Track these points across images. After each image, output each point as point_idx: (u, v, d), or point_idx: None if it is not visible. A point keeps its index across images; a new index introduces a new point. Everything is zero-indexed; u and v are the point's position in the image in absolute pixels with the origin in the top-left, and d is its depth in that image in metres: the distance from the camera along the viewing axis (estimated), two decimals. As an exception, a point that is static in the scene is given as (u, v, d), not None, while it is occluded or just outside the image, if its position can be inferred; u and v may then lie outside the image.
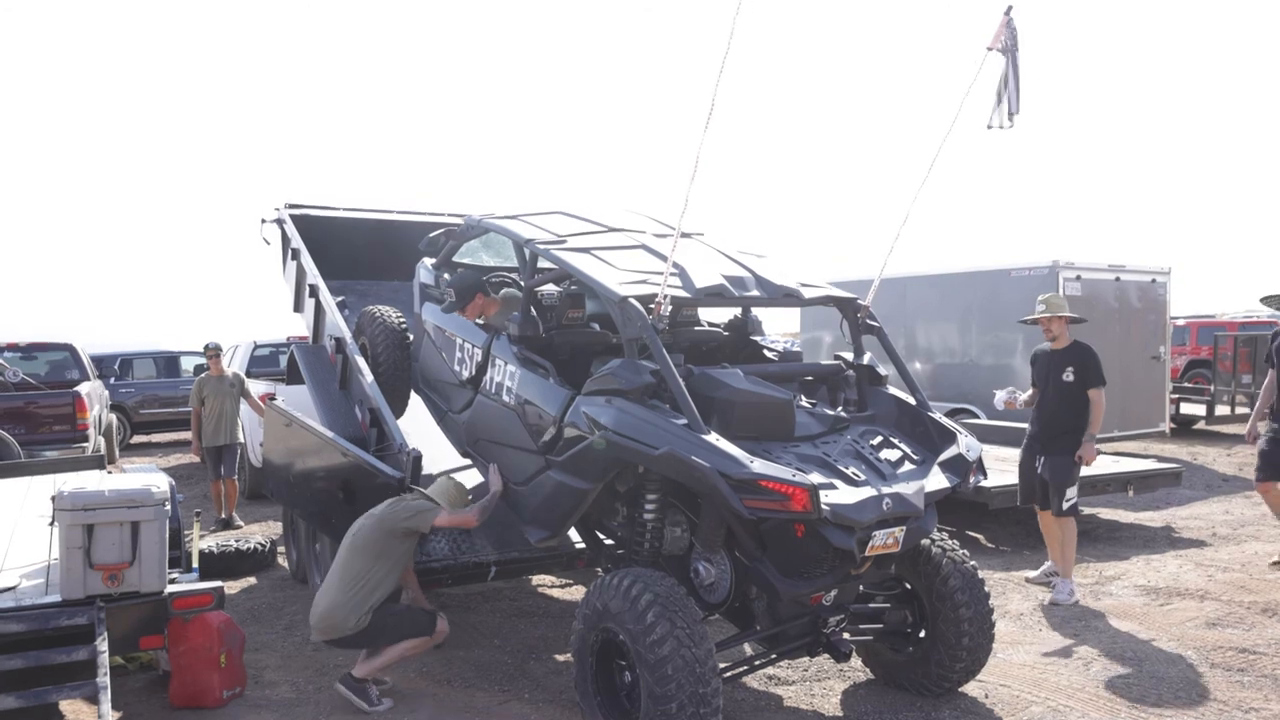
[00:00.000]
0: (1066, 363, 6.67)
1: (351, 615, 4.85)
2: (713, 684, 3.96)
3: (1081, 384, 6.61)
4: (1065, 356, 6.70)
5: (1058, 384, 6.69)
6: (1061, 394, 6.67)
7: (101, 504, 4.38)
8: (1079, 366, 6.62)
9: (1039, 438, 6.84)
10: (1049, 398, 6.77)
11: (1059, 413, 6.70)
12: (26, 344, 13.25)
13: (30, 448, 10.10)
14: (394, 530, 5.01)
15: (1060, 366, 6.69)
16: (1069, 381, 6.63)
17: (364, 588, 4.90)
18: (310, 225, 8.56)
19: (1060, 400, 6.69)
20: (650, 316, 4.42)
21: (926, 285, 13.04)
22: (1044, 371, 6.83)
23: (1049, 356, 6.81)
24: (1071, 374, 6.63)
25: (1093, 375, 6.61)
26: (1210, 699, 4.85)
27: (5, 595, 4.52)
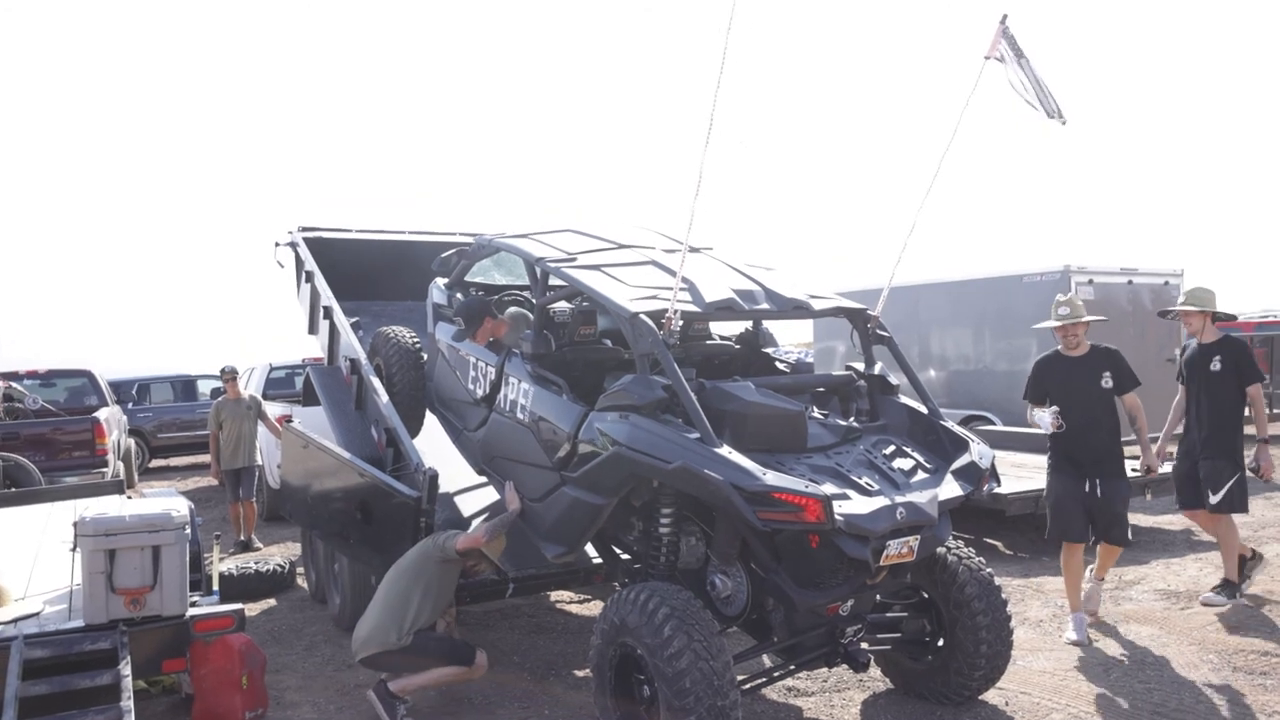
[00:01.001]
0: (1104, 367, 5.98)
1: (394, 631, 4.93)
2: (731, 696, 3.97)
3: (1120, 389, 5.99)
4: (1099, 360, 6.05)
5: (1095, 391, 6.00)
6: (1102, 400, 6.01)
7: (123, 529, 4.43)
8: (1114, 370, 5.99)
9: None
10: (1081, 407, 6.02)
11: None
12: (45, 371, 13.38)
13: (50, 474, 10.17)
14: (429, 555, 5.13)
15: (1099, 371, 5.97)
16: (1107, 388, 5.98)
17: (404, 608, 4.99)
18: (323, 247, 8.64)
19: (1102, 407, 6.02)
20: (661, 332, 4.45)
21: (939, 293, 13.03)
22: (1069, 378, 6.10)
23: (1071, 363, 6.06)
24: (1110, 379, 5.97)
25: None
26: (1233, 703, 4.82)
27: (29, 621, 4.58)
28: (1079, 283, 11.44)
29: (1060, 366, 6.08)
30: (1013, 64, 5.07)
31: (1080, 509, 5.91)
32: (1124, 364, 5.99)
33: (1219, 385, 6.37)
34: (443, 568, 5.14)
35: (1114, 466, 5.94)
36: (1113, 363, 5.97)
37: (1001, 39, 5.07)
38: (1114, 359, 5.99)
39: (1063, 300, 6.10)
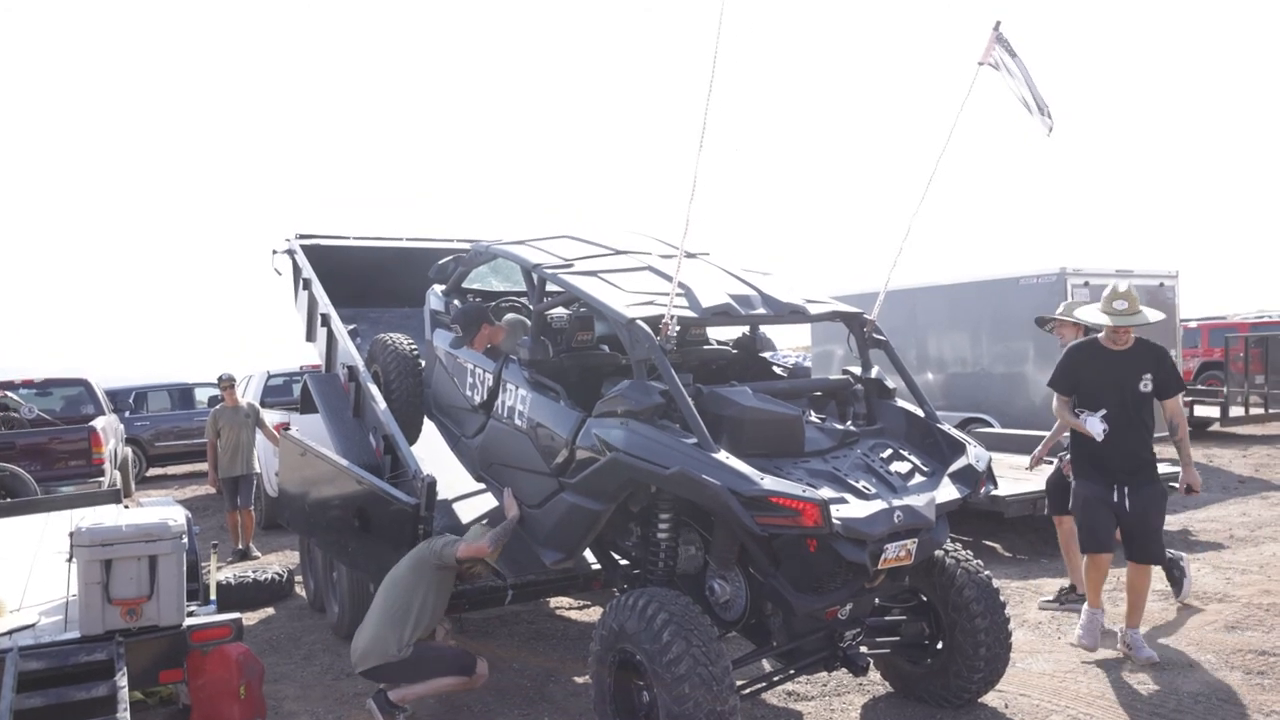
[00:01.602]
0: (1147, 367, 5.46)
1: (393, 643, 4.93)
2: (730, 701, 3.97)
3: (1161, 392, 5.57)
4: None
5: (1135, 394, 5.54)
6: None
7: (119, 539, 4.41)
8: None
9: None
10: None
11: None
12: (41, 380, 13.35)
13: (46, 484, 10.16)
14: (425, 561, 5.11)
15: (1140, 370, 5.45)
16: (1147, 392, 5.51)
17: (404, 618, 4.98)
18: (321, 255, 8.63)
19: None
20: (658, 337, 4.45)
21: (936, 296, 13.05)
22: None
23: (1111, 357, 5.50)
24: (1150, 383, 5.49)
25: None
26: (1231, 702, 4.82)
27: (24, 633, 4.55)
28: (1074, 285, 11.45)
29: (1099, 359, 5.48)
30: (1007, 69, 5.08)
31: (1106, 517, 5.42)
32: (1171, 364, 5.45)
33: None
34: (439, 575, 5.13)
35: (1148, 474, 5.44)
36: (1158, 362, 5.40)
37: (995, 45, 5.08)
38: (1160, 358, 5.41)
39: (1120, 293, 5.39)
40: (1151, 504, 5.41)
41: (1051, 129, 5.21)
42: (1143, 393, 5.37)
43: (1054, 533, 8.36)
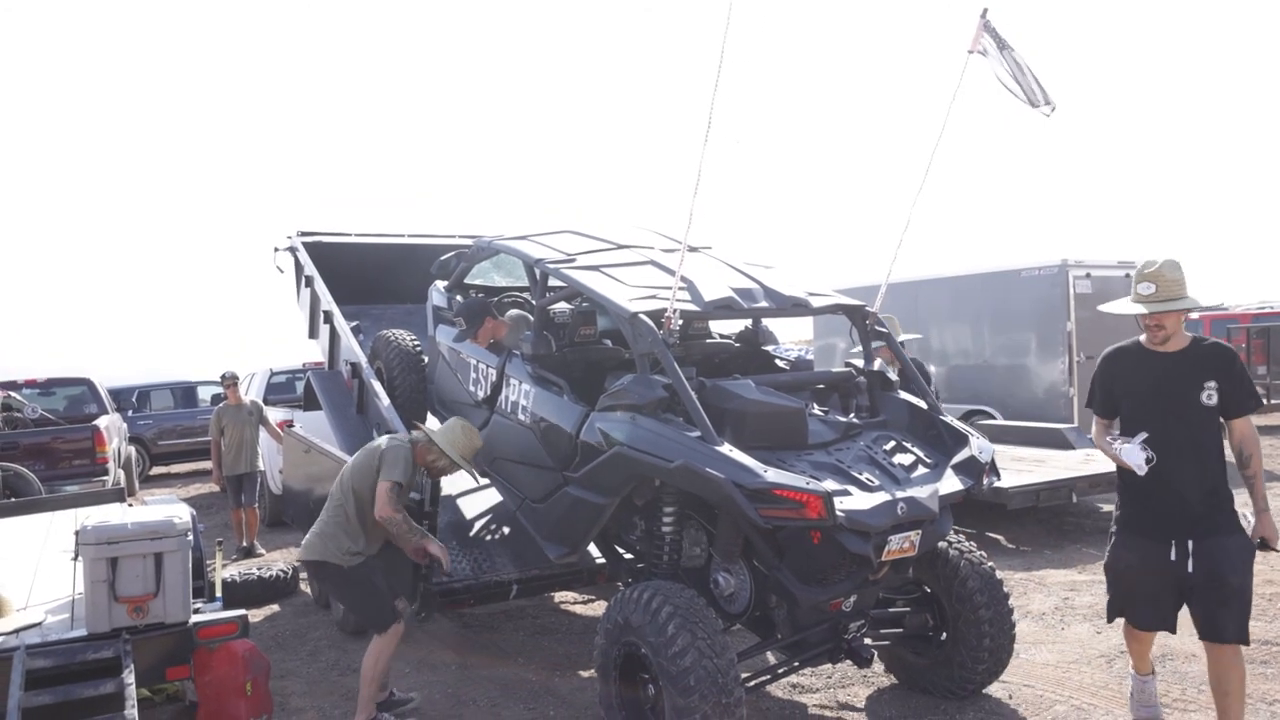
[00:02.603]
0: (1207, 373, 4.07)
1: (340, 548, 4.93)
2: (736, 694, 3.98)
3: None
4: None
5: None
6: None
7: (124, 536, 4.42)
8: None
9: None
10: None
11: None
12: (44, 380, 13.37)
13: (51, 483, 10.17)
14: (369, 467, 5.01)
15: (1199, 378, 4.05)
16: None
17: (355, 530, 4.96)
18: (322, 252, 8.65)
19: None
20: (661, 331, 4.46)
21: (938, 288, 13.04)
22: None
23: (1158, 361, 4.16)
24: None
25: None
26: (1236, 693, 4.82)
27: (31, 631, 4.57)
28: (1076, 277, 11.45)
29: (1142, 365, 4.11)
30: (996, 57, 5.07)
31: (1159, 586, 4.03)
32: (1240, 371, 3.98)
33: None
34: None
35: (1221, 520, 3.93)
36: (1223, 367, 3.94)
37: (984, 33, 5.08)
38: (1225, 362, 3.95)
39: (1147, 273, 3.98)
40: (1226, 559, 3.86)
41: (1053, 110, 5.19)
42: (1205, 407, 3.91)
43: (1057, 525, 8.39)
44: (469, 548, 6.29)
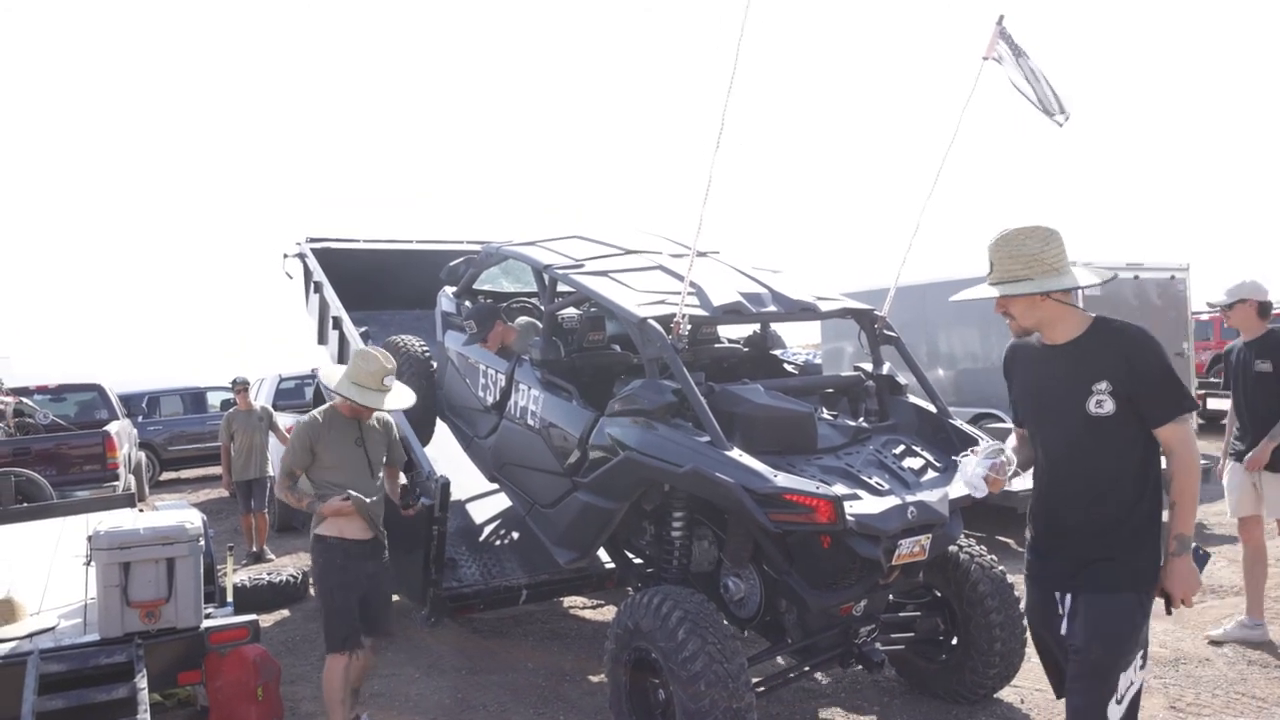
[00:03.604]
0: (1100, 371, 3.50)
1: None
2: (746, 699, 3.97)
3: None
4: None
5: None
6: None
7: (137, 542, 4.45)
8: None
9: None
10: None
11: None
12: (55, 386, 13.45)
13: (62, 488, 10.20)
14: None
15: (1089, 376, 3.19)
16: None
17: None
18: (331, 258, 8.67)
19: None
20: (670, 336, 4.47)
21: (945, 291, 12.94)
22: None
23: (1042, 357, 3.59)
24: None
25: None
26: (1248, 696, 4.81)
27: (44, 636, 4.60)
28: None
29: (1031, 364, 3.18)
30: (1011, 64, 5.08)
31: (1053, 648, 3.14)
32: (1149, 366, 2.88)
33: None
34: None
35: (1105, 571, 2.92)
36: (1118, 364, 2.88)
37: (999, 39, 5.08)
38: (1122, 356, 2.89)
39: (988, 247, 3.05)
40: (1091, 628, 2.90)
41: (1067, 119, 5.19)
42: (1094, 418, 2.90)
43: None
44: (479, 553, 6.31)
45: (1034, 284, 2.92)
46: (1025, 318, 3.02)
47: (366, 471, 4.76)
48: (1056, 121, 5.17)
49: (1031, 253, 2.94)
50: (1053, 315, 3.00)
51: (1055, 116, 5.14)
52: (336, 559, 4.66)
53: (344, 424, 4.76)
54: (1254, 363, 5.52)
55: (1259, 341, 5.56)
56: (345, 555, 4.66)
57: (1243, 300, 5.58)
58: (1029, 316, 3.01)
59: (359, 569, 4.69)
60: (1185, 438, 2.89)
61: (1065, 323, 3.00)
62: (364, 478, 4.73)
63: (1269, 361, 5.45)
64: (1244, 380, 5.59)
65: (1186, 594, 2.89)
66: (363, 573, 4.70)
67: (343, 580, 4.66)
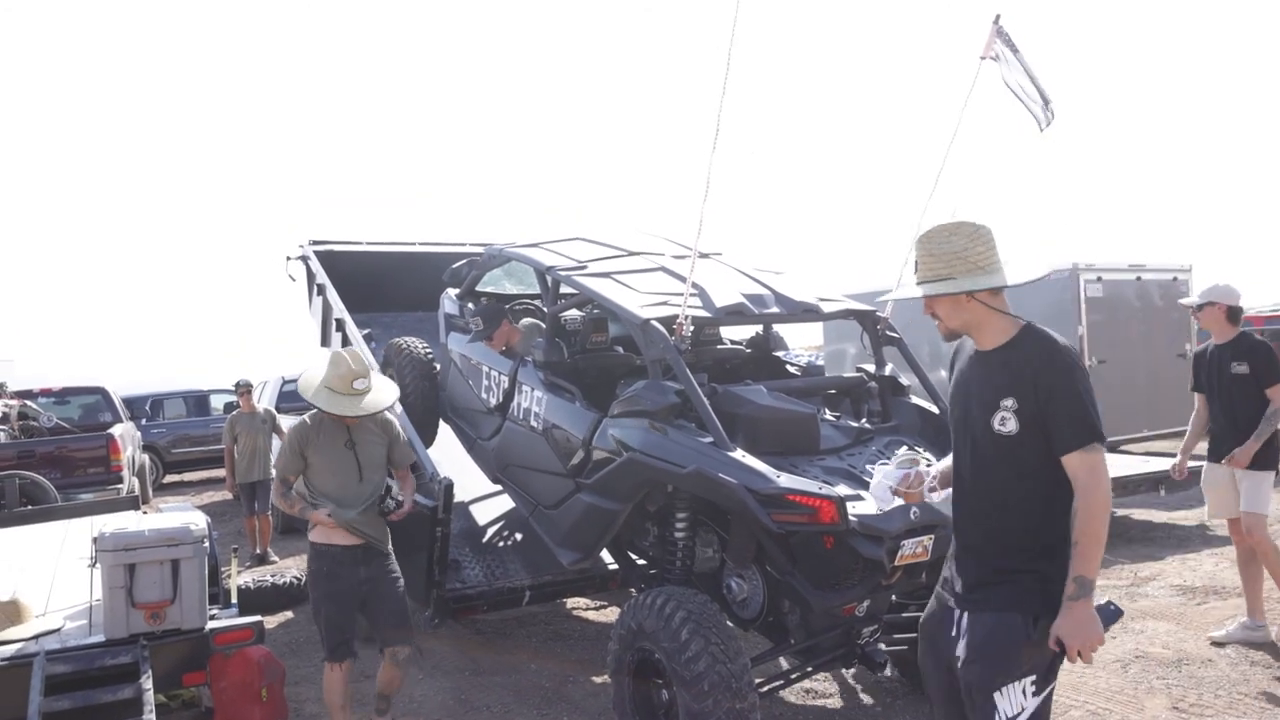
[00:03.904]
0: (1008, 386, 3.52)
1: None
2: (750, 699, 3.98)
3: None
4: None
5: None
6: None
7: (142, 543, 4.46)
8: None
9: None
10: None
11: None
12: (59, 389, 13.47)
13: (66, 491, 10.22)
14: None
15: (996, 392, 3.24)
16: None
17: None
18: (334, 260, 8.70)
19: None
20: (672, 337, 4.48)
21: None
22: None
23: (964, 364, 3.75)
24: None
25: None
26: (1251, 698, 4.82)
27: (50, 637, 4.61)
28: (1087, 280, 11.43)
29: (961, 370, 2.95)
30: (1007, 63, 5.10)
31: (945, 673, 2.82)
32: (1059, 386, 2.61)
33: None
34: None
35: (995, 594, 2.69)
36: (1026, 379, 2.65)
37: (996, 39, 5.10)
38: (1031, 371, 2.65)
39: (920, 237, 2.83)
40: (976, 648, 2.68)
41: (1050, 123, 5.22)
42: (999, 436, 2.68)
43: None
44: (482, 554, 6.32)
45: (955, 283, 2.71)
46: (951, 319, 2.80)
47: (355, 476, 4.57)
48: (1039, 123, 5.21)
49: (954, 250, 2.71)
50: (979, 319, 2.75)
51: (1044, 113, 5.18)
52: (324, 566, 4.56)
53: (333, 427, 4.58)
54: (1230, 365, 5.57)
55: (1232, 345, 5.63)
56: (333, 562, 4.54)
57: (1212, 303, 5.62)
58: (954, 318, 2.79)
59: (349, 576, 4.55)
60: (1093, 469, 2.57)
61: (992, 328, 2.75)
62: (352, 482, 4.57)
63: (1245, 363, 5.51)
64: (1220, 383, 5.64)
65: (1082, 645, 2.50)
66: (354, 580, 4.56)
67: (329, 590, 4.55)
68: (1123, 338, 11.58)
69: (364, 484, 4.58)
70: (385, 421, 4.79)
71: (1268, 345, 5.67)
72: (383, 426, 4.75)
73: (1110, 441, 10.94)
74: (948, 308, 2.77)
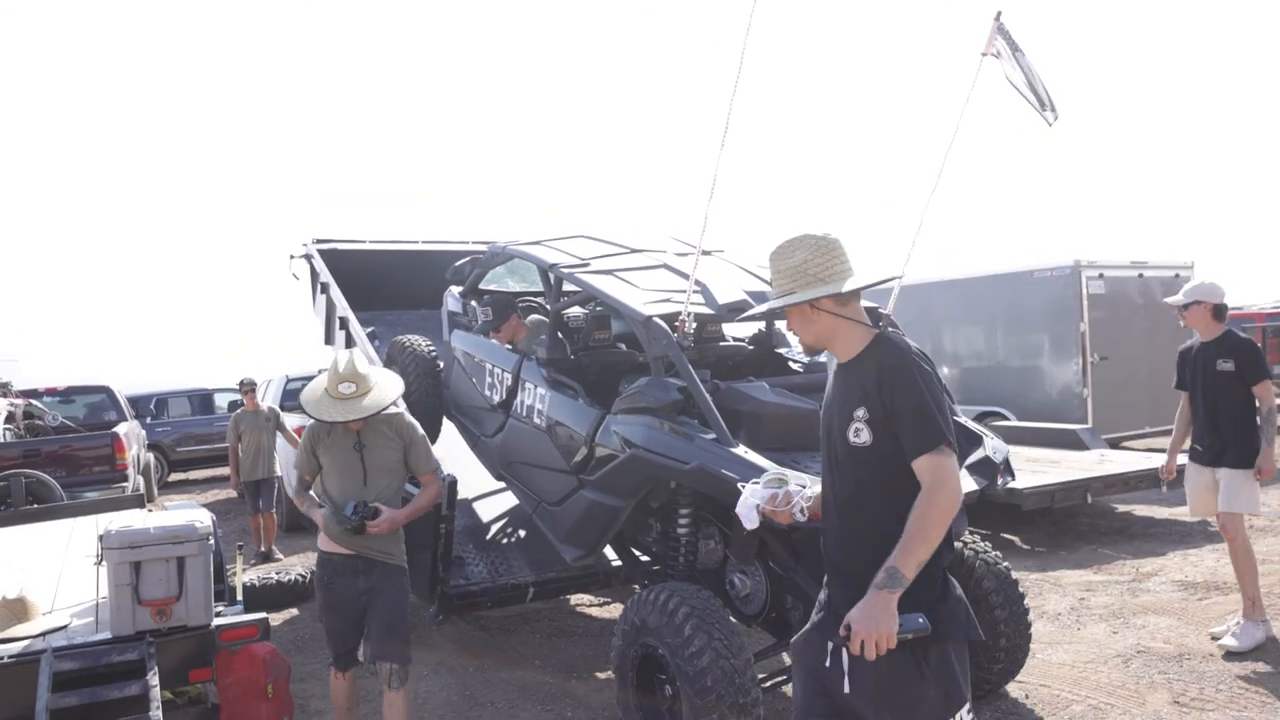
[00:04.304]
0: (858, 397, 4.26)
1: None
2: (753, 694, 4.00)
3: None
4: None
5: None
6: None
7: (147, 541, 4.48)
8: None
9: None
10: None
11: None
12: (64, 388, 13.54)
13: (72, 489, 10.26)
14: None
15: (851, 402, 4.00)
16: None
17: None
18: (337, 259, 8.72)
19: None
20: (675, 334, 4.50)
21: (950, 290, 13.06)
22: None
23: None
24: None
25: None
26: (1251, 693, 4.83)
27: (57, 634, 4.63)
28: (1089, 277, 11.45)
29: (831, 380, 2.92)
30: (1008, 60, 5.11)
31: (823, 703, 2.61)
32: (904, 389, 2.52)
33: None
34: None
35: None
36: (872, 387, 2.57)
37: (997, 35, 5.11)
38: (878, 379, 2.56)
39: (770, 254, 2.77)
40: (881, 701, 2.48)
41: (1056, 118, 5.23)
42: (854, 447, 2.59)
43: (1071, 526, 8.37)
44: (486, 551, 6.34)
45: (794, 297, 2.65)
46: (804, 334, 2.74)
47: (360, 479, 4.34)
48: (1046, 119, 5.22)
49: (795, 264, 2.65)
50: (830, 330, 2.67)
51: (1045, 114, 5.19)
52: (324, 575, 4.43)
53: (343, 427, 4.40)
54: (1215, 363, 5.56)
55: (1218, 342, 5.61)
56: (332, 571, 4.38)
57: (1198, 301, 5.62)
58: (807, 332, 2.72)
59: (347, 586, 4.34)
60: (938, 469, 2.46)
61: (845, 340, 2.67)
62: (355, 486, 4.33)
63: (1231, 361, 5.50)
64: (1205, 380, 5.63)
65: (867, 636, 2.31)
66: (353, 589, 4.33)
67: (327, 599, 4.43)
68: (1125, 334, 11.61)
69: (368, 489, 4.33)
70: (402, 425, 4.52)
71: (1253, 343, 5.67)
72: (397, 430, 4.48)
73: (1112, 438, 11.00)
74: (798, 322, 2.72)
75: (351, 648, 4.50)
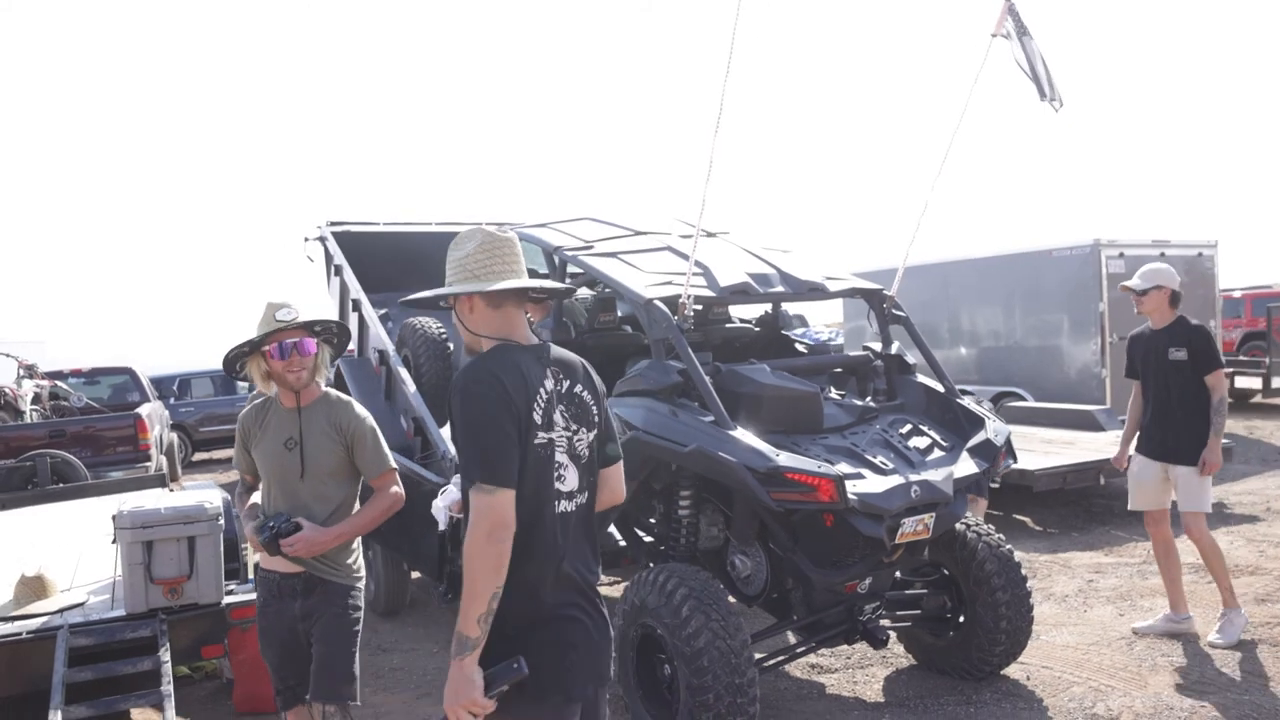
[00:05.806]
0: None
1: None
2: (748, 674, 4.05)
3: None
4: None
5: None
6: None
7: (158, 521, 4.57)
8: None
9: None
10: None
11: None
12: (89, 369, 13.73)
13: (95, 469, 10.41)
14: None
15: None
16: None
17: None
18: (351, 241, 8.77)
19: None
20: (676, 317, 4.53)
21: (968, 269, 12.98)
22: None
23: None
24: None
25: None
26: (1256, 674, 4.83)
27: (74, 611, 4.75)
28: (1109, 256, 11.34)
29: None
30: (1015, 42, 5.08)
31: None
32: (454, 413, 2.37)
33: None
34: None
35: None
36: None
37: (1007, 16, 5.08)
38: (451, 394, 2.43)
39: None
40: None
41: (1060, 107, 5.19)
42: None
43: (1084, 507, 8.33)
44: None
45: (443, 289, 2.52)
46: (461, 331, 2.56)
47: (297, 484, 3.51)
48: (1052, 106, 5.18)
49: (455, 258, 2.49)
50: (464, 336, 2.54)
51: (1051, 101, 5.15)
52: (260, 595, 3.65)
53: (280, 420, 3.58)
54: (1168, 351, 5.36)
55: (1170, 330, 5.40)
56: (265, 591, 3.60)
57: (1158, 286, 5.39)
58: (462, 330, 2.54)
59: (283, 610, 3.53)
60: (473, 510, 2.21)
61: (477, 350, 2.50)
62: (292, 492, 3.53)
63: (1184, 349, 5.31)
64: (1157, 368, 5.42)
65: (449, 708, 2.17)
66: (288, 614, 3.52)
67: (263, 624, 3.62)
68: (1144, 316, 11.50)
69: (305, 495, 3.52)
70: (347, 418, 3.61)
71: (1207, 330, 5.43)
72: (338, 426, 3.57)
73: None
74: (461, 316, 2.52)
75: (291, 684, 3.59)
